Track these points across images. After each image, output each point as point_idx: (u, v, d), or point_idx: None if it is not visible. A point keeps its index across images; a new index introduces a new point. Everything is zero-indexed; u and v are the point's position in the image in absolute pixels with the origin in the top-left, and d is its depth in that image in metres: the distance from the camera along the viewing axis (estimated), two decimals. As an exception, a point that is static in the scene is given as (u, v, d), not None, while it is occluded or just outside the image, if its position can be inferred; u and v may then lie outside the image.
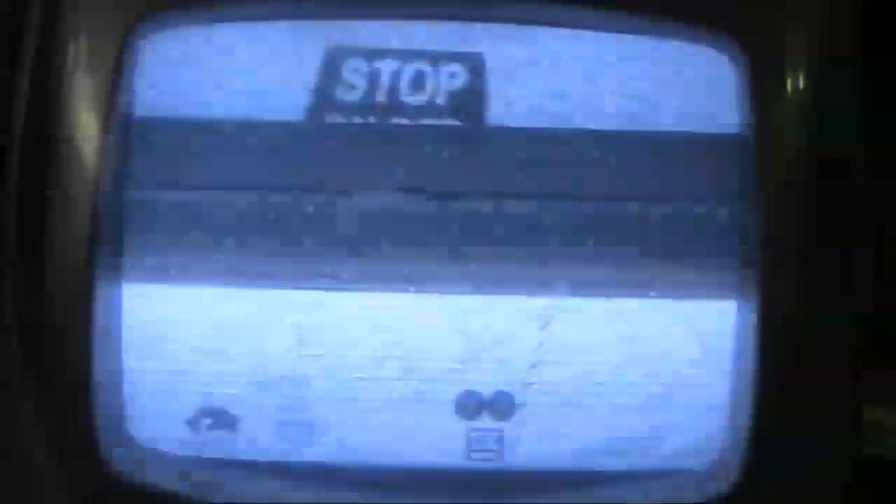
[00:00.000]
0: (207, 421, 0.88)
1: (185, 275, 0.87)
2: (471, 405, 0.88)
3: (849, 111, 0.86)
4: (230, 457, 0.88)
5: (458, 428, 0.88)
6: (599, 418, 0.88)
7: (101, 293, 0.85)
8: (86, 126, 0.84)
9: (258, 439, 0.88)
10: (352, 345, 0.88)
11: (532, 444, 0.88)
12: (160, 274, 0.86)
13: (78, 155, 0.84)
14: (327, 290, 0.87)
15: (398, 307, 0.87)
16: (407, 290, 0.87)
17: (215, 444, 0.88)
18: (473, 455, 0.88)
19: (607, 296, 0.87)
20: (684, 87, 0.86)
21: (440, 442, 0.88)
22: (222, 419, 0.88)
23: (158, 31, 0.85)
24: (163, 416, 0.87)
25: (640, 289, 0.87)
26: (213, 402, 0.88)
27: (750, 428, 0.85)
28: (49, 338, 0.85)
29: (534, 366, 0.88)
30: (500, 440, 0.88)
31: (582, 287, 0.87)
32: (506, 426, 0.88)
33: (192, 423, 0.88)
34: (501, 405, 0.88)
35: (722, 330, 0.87)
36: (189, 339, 0.87)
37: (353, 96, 0.87)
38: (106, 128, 0.84)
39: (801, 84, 0.85)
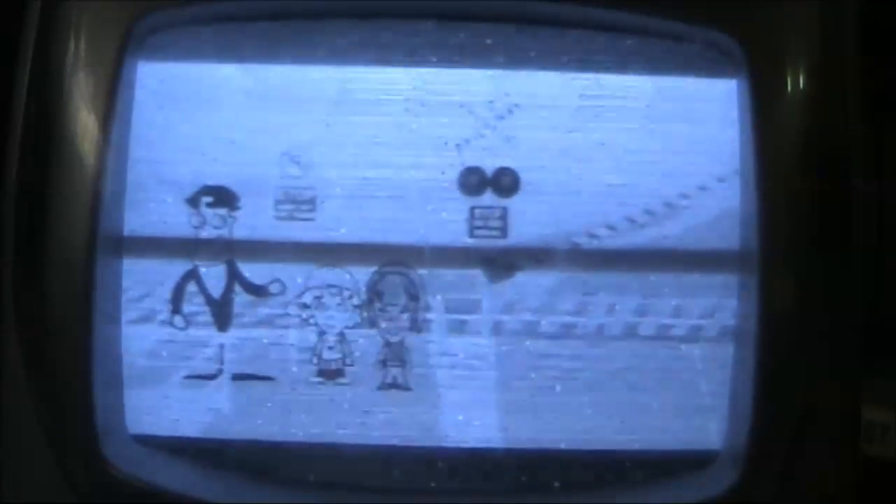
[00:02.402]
0: (208, 199, 0.87)
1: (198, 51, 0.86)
2: (474, 182, 0.87)
3: (849, 111, 0.86)
4: (229, 236, 0.87)
5: (462, 205, 0.87)
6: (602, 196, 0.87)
7: (102, 291, 0.85)
8: (86, 125, 0.84)
9: (257, 217, 0.87)
10: (355, 119, 0.86)
11: (535, 222, 0.87)
12: (173, 52, 0.86)
13: (78, 153, 0.84)
14: (333, 65, 0.86)
15: (404, 82, 0.86)
16: (413, 65, 0.86)
17: (214, 223, 0.86)
18: (477, 233, 0.87)
19: (617, 71, 0.87)
20: None
21: (443, 219, 0.87)
22: (222, 196, 0.87)
23: (158, 30, 0.85)
24: (164, 196, 0.86)
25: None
26: (212, 179, 0.87)
27: (750, 428, 0.85)
28: (49, 335, 0.85)
29: (539, 142, 0.86)
30: (503, 217, 0.87)
31: (590, 65, 0.87)
32: (509, 203, 0.87)
33: (192, 202, 0.87)
34: (505, 182, 0.87)
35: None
36: (192, 116, 0.86)
37: None
38: (105, 127, 0.84)
39: (801, 84, 0.85)
